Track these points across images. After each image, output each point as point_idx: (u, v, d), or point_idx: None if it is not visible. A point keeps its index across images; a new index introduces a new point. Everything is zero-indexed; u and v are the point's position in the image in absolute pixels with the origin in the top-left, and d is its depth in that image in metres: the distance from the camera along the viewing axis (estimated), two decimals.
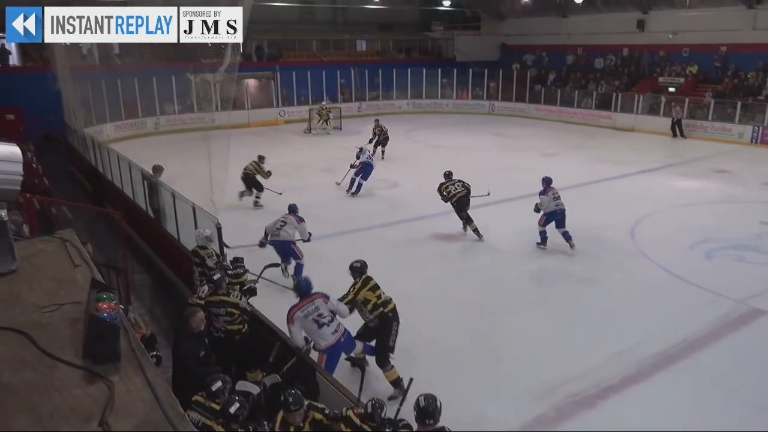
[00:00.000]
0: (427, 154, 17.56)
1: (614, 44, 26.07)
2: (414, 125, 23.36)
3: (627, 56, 25.91)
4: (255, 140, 20.12)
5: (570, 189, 13.07)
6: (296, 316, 5.05)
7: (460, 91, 28.28)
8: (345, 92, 27.19)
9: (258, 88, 26.18)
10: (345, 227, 10.65)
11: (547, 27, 28.60)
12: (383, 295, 5.70)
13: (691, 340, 6.58)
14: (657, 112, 21.70)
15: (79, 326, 2.20)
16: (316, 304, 5.15)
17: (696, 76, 23.11)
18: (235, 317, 5.40)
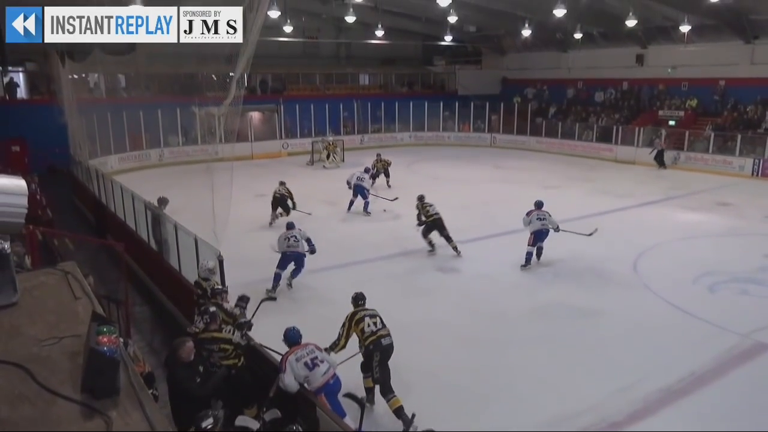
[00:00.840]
0: (429, 187, 17.32)
1: (614, 78, 26.44)
2: (416, 157, 23.53)
3: (627, 90, 26.26)
4: (258, 172, 20.28)
5: (572, 221, 13.04)
6: (289, 361, 5.01)
7: (461, 123, 28.57)
8: (348, 125, 27.49)
9: (261, 121, 26.49)
10: (346, 259, 10.63)
11: (548, 61, 29.07)
12: (369, 326, 5.79)
13: (697, 375, 6.51)
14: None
15: (78, 360, 2.18)
16: (310, 348, 5.17)
17: (695, 109, 23.37)
18: (228, 352, 5.40)
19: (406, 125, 28.13)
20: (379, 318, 5.93)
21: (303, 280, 9.42)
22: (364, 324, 5.80)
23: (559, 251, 11.03)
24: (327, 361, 5.17)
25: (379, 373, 5.72)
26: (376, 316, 5.93)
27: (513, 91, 30.16)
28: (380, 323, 5.89)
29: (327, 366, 5.13)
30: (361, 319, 5.83)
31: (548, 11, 19.73)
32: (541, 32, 25.48)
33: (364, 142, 27.07)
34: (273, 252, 9.23)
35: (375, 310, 6.05)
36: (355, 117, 27.52)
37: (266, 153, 24.09)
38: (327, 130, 26.14)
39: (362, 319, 5.83)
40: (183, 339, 4.98)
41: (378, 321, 5.89)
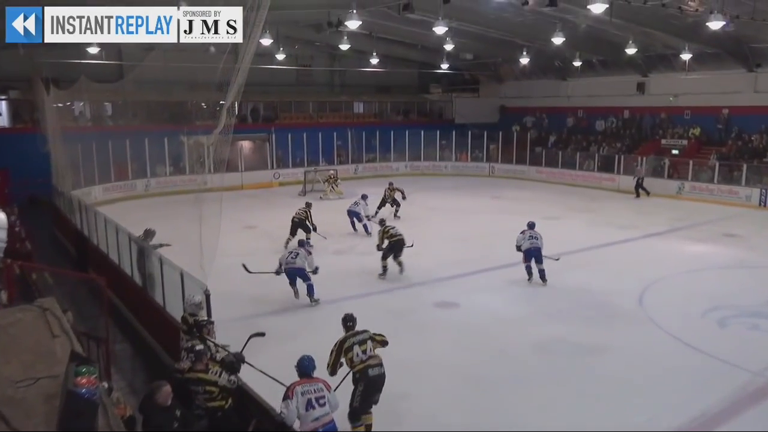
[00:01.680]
0: (426, 218, 17.65)
1: (615, 106, 26.81)
2: (412, 187, 23.30)
3: (628, 118, 26.60)
4: (248, 203, 20.32)
5: (573, 254, 13.16)
6: (296, 391, 5.01)
7: (459, 153, 28.82)
8: (341, 154, 27.70)
9: (252, 150, 26.65)
10: (341, 293, 10.57)
11: (547, 89, 29.49)
12: (357, 355, 5.85)
13: (709, 416, 6.43)
14: (661, 175, 22.10)
15: (55, 402, 2.13)
16: (319, 386, 5.14)
17: (699, 138, 23.65)
18: (214, 394, 5.36)
19: (402, 154, 28.36)
20: (369, 344, 5.93)
21: (294, 315, 9.37)
22: (353, 353, 5.86)
23: (562, 284, 11.05)
24: (329, 405, 5.11)
25: (358, 404, 5.75)
26: (366, 342, 5.94)
27: (512, 119, 30.53)
28: (370, 350, 5.91)
29: (326, 411, 5.07)
30: (350, 348, 5.88)
31: (547, 39, 20.09)
32: (540, 60, 25.93)
33: (359, 171, 27.24)
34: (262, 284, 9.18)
35: (366, 333, 6.04)
36: (349, 146, 27.73)
37: (257, 183, 24.16)
38: (320, 159, 26.32)
39: (351, 348, 5.88)
40: (159, 383, 4.89)
41: (368, 348, 5.91)
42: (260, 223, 16.43)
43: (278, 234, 14.78)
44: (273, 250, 13.17)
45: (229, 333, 7.16)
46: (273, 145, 25.86)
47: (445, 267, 12.28)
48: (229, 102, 7.88)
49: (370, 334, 6.04)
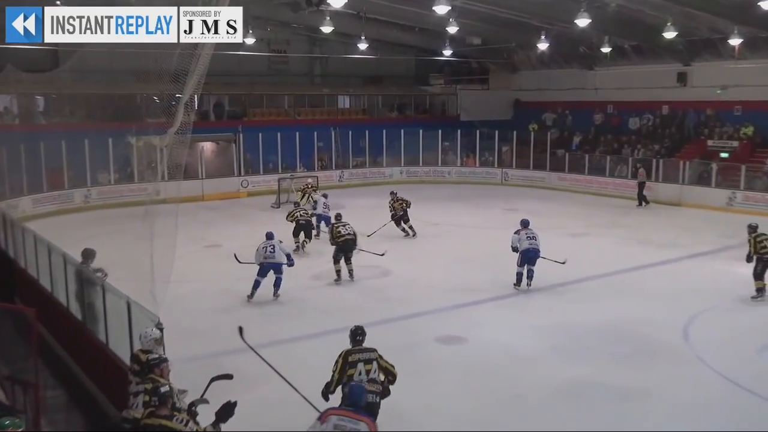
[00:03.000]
0: (425, 235, 17.75)
1: (651, 101, 27.03)
2: (408, 198, 23.55)
3: (667, 115, 26.84)
4: (210, 217, 20.34)
5: (603, 277, 13.31)
6: (330, 419, 4.97)
7: (465, 156, 28.96)
8: (323, 158, 27.83)
9: (215, 153, 26.72)
10: (324, 326, 10.54)
11: (570, 81, 29.78)
12: (360, 374, 6.14)
13: None
14: (708, 183, 22.20)
15: None
16: (360, 428, 4.98)
17: (752, 138, 23.77)
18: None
19: (396, 158, 28.50)
20: (374, 365, 6.20)
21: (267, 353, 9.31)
22: (355, 371, 6.11)
23: (588, 315, 11.11)
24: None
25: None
26: (372, 362, 6.21)
27: (528, 116, 30.72)
28: (375, 373, 6.17)
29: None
30: (354, 363, 6.14)
31: (569, 20, 20.25)
32: (562, 45, 26.16)
33: (344, 179, 27.34)
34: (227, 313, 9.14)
35: (374, 352, 6.33)
36: (332, 148, 27.86)
37: (221, 193, 24.20)
38: (297, 164, 26.42)
39: (355, 364, 6.14)
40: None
41: (373, 370, 6.17)
42: (225, 242, 16.40)
43: (246, 255, 14.75)
44: (240, 276, 13.14)
45: (185, 376, 7.08)
46: (240, 148, 25.93)
47: (448, 294, 12.32)
48: (187, 95, 7.92)
49: (377, 355, 6.28)
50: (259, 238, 14.43)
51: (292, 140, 26.14)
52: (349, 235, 13.02)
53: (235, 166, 25.97)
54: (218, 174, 25.39)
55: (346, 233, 13.03)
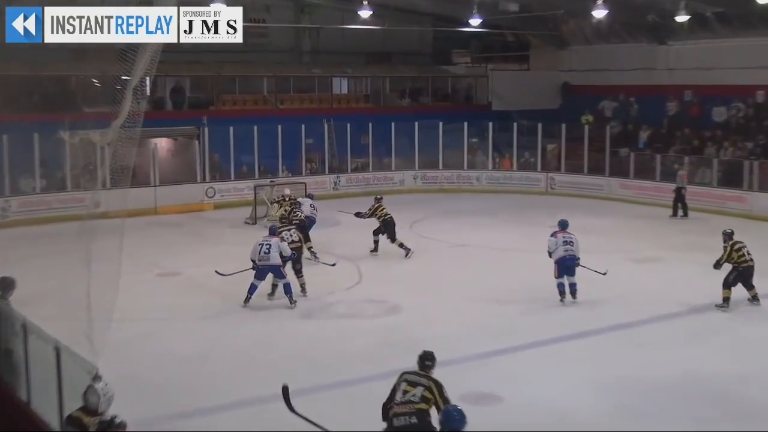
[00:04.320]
0: (445, 259, 17.85)
1: (742, 85, 26.94)
2: (424, 211, 23.81)
3: (763, 103, 26.79)
4: (166, 236, 20.46)
5: (680, 317, 13.25)
6: None
7: (498, 157, 28.99)
8: (313, 159, 27.82)
9: (173, 153, 26.75)
10: (310, 380, 10.43)
11: (636, 59, 29.75)
12: (400, 393, 6.92)
13: None
14: None
15: None
16: None
17: None
18: None
19: (409, 160, 28.56)
20: (420, 389, 6.87)
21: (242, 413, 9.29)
22: (399, 390, 6.97)
23: (661, 363, 11.02)
24: None
25: None
26: (418, 385, 6.93)
27: (580, 105, 30.72)
28: (418, 397, 6.82)
29: None
30: (399, 383, 7.06)
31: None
32: (625, 13, 26.20)
33: (340, 186, 27.36)
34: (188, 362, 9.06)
35: (429, 380, 7.00)
36: (324, 146, 27.83)
37: (180, 205, 24.23)
38: (279, 167, 26.47)
39: (399, 384, 7.03)
40: None
41: (416, 394, 6.85)
42: (185, 269, 16.41)
43: (213, 286, 14.78)
44: (205, 313, 13.11)
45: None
46: (205, 145, 25.86)
47: (476, 338, 12.24)
48: (136, 78, 7.93)
49: (431, 384, 6.96)
50: (229, 264, 14.53)
51: (273, 136, 26.10)
52: (294, 243, 14.24)
53: (199, 169, 25.80)
54: (176, 180, 25.38)
55: (290, 240, 14.20)
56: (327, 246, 17.97)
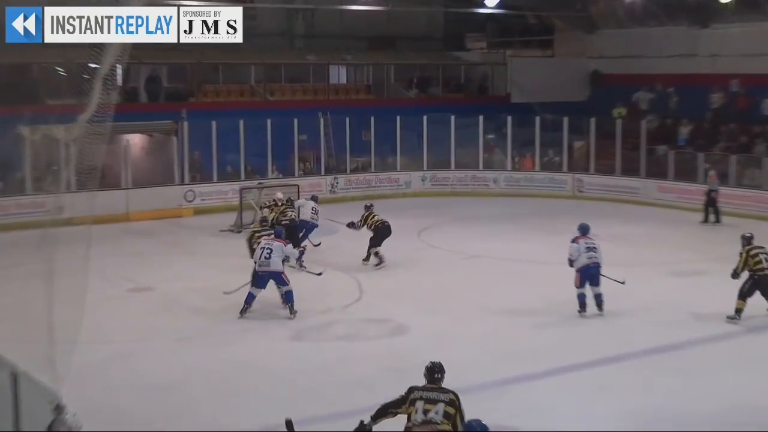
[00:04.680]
0: (457, 272, 17.92)
1: None
2: (433, 217, 23.99)
3: None
4: (139, 246, 20.64)
5: (727, 340, 13.23)
6: None
7: (519, 156, 29.13)
8: (307, 158, 28.01)
9: (148, 151, 26.91)
10: (302, 411, 10.41)
11: (675, 44, 29.83)
12: (417, 413, 7.07)
13: None
14: None
15: None
16: None
17: None
18: None
19: (417, 159, 28.75)
20: (442, 406, 7.07)
21: None
22: (415, 408, 7.11)
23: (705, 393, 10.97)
24: None
25: None
26: (439, 402, 7.11)
27: (612, 96, 30.80)
28: (440, 415, 7.00)
29: None
30: (414, 401, 7.17)
31: None
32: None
33: (338, 188, 27.52)
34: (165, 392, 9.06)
35: (449, 395, 7.20)
36: (320, 144, 27.96)
37: (155, 210, 24.27)
38: (269, 167, 26.68)
39: (415, 402, 7.15)
40: None
41: (438, 411, 7.03)
42: (160, 283, 16.47)
43: (192, 303, 14.96)
44: (181, 335, 13.20)
45: None
46: (184, 143, 26.00)
47: (493, 363, 12.24)
48: (106, 66, 7.95)
49: (451, 398, 7.21)
50: (205, 282, 14.61)
51: (262, 132, 26.27)
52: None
53: (177, 170, 25.91)
54: (152, 182, 25.47)
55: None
56: (323, 256, 18.11)
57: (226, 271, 16.48)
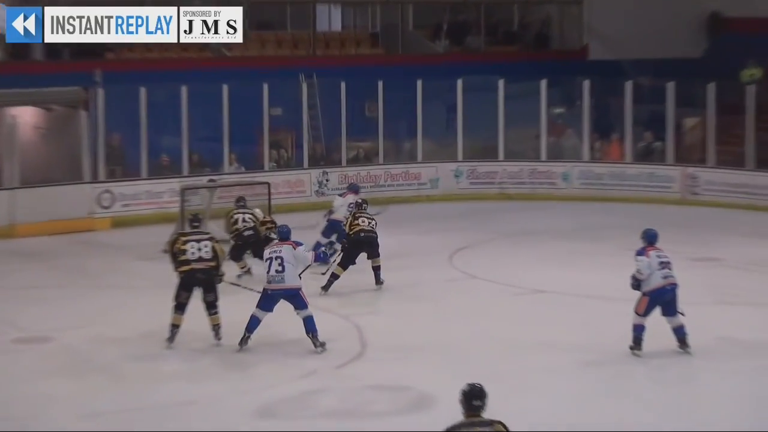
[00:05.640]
0: (507, 314, 17.81)
1: None
2: (473, 233, 24.26)
3: None
4: (28, 275, 20.75)
5: None
6: None
7: (600, 139, 29.40)
8: (283, 143, 28.57)
9: (45, 134, 27.02)
10: None
11: None
12: None
13: None
14: None
15: None
16: None
17: None
18: None
19: (447, 144, 29.09)
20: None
21: None
22: None
23: None
24: None
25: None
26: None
27: (740, 50, 30.93)
28: None
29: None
30: None
31: None
32: None
33: (327, 187, 27.77)
34: None
35: (489, 422, 7.67)
36: (302, 121, 28.15)
37: (53, 221, 24.46)
38: (225, 155, 26.93)
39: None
40: None
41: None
42: (59, 331, 16.46)
43: (106, 360, 14.92)
44: (92, 409, 12.99)
45: None
46: (99, 120, 26.23)
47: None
48: None
49: (498, 428, 7.61)
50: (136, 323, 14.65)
51: (215, 103, 26.51)
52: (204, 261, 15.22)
53: (87, 160, 26.10)
54: (49, 179, 25.64)
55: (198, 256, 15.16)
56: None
57: (162, 312, 16.31)
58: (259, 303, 14.73)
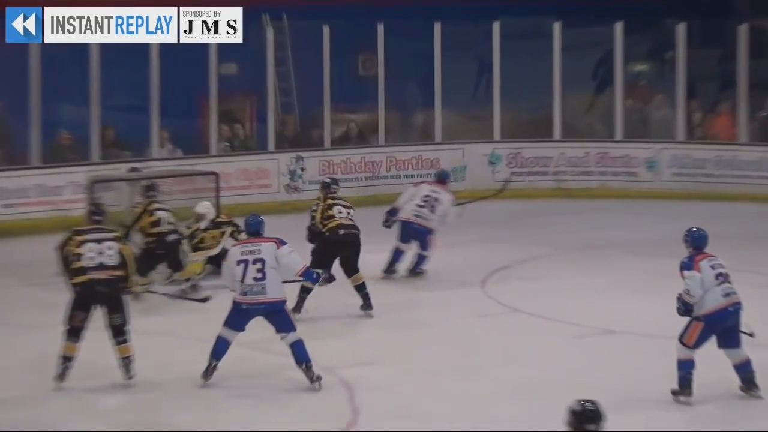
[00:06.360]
0: (568, 363, 16.70)
1: None
2: (518, 245, 24.53)
3: None
4: None
5: None
6: None
7: (701, 109, 28.84)
8: (238, 115, 28.22)
9: None
10: None
11: None
12: None
13: None
14: None
15: None
16: None
17: None
18: None
19: (475, 116, 29.03)
20: None
21: None
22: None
23: None
24: None
25: None
26: None
27: None
28: None
29: None
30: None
31: None
32: None
33: (303, 183, 27.61)
34: None
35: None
36: (266, 81, 27.76)
37: None
38: (153, 134, 26.40)
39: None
40: None
41: None
42: None
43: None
44: None
45: None
46: None
47: None
48: None
49: None
50: (25, 378, 14.49)
51: (139, 56, 26.23)
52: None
53: None
54: None
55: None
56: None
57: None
58: (228, 320, 14.34)
